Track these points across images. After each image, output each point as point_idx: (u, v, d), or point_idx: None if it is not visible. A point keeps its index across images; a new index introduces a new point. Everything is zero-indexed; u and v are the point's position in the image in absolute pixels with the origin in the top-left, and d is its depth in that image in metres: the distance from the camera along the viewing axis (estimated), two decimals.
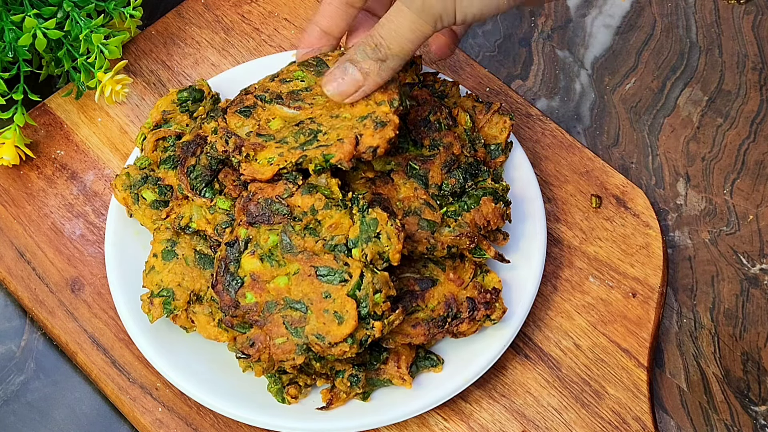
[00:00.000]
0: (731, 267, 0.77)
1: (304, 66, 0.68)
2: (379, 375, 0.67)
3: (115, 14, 0.80)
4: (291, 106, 0.66)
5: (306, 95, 0.67)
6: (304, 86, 0.67)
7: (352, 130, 0.63)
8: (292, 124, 0.65)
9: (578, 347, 0.72)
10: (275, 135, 0.65)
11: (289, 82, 0.68)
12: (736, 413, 0.71)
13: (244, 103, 0.67)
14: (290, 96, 0.67)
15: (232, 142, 0.65)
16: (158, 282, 0.68)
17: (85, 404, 0.72)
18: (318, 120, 0.65)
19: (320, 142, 0.63)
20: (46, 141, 0.80)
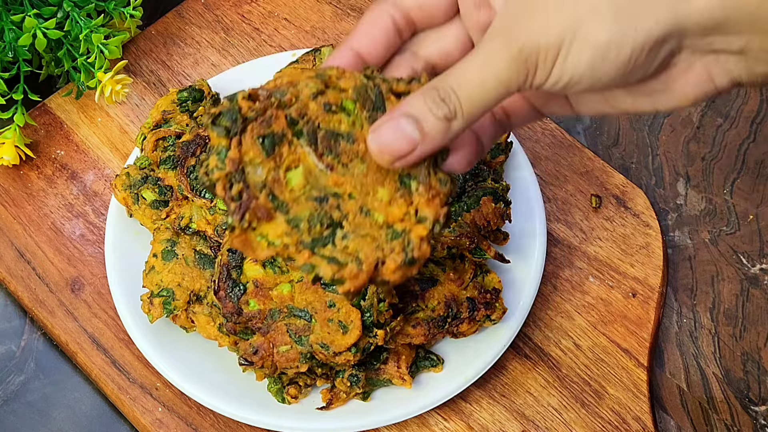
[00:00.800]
0: (731, 267, 0.77)
1: (359, 94, 0.50)
2: (379, 375, 0.67)
3: (115, 14, 0.80)
4: (323, 158, 0.49)
5: (346, 147, 0.49)
6: (347, 128, 0.50)
7: (377, 248, 0.49)
8: (315, 189, 0.49)
9: (578, 347, 0.72)
10: (290, 203, 0.49)
11: (333, 112, 0.50)
12: (736, 413, 0.71)
13: (271, 124, 0.49)
14: (328, 138, 0.49)
15: (236, 189, 0.47)
16: (158, 282, 0.68)
17: (85, 404, 0.72)
18: (345, 204, 0.49)
19: (336, 248, 0.49)
20: (46, 141, 0.80)
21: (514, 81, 0.47)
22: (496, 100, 0.47)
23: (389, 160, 0.48)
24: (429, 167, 0.49)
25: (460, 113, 0.47)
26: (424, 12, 0.51)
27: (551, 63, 0.46)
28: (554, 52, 0.46)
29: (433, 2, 0.51)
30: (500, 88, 0.47)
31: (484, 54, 0.47)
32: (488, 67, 0.47)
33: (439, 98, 0.47)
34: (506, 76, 0.47)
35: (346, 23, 0.85)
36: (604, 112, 0.52)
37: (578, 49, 0.46)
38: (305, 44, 0.85)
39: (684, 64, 0.47)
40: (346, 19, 0.86)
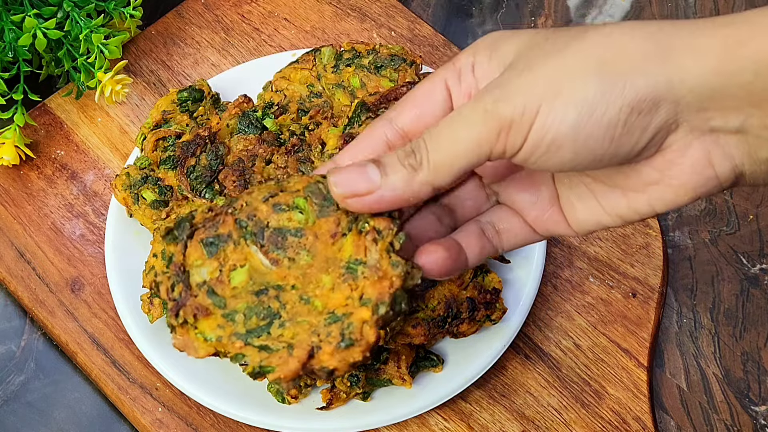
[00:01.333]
0: (731, 267, 0.77)
1: (310, 190, 0.50)
2: (379, 375, 0.67)
3: (115, 14, 0.80)
4: (269, 254, 0.50)
5: (293, 242, 0.49)
6: (297, 224, 0.50)
7: (312, 333, 0.47)
8: (257, 284, 0.49)
9: (578, 347, 0.72)
10: (228, 300, 0.49)
11: (284, 211, 0.50)
12: (736, 413, 0.71)
13: (218, 227, 0.50)
14: (275, 235, 0.50)
15: (177, 291, 0.50)
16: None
17: (85, 404, 0.72)
18: (285, 294, 0.49)
19: (270, 336, 0.48)
20: (46, 141, 0.80)
21: (485, 137, 0.43)
22: (466, 159, 0.44)
23: (342, 193, 0.47)
24: (383, 251, 0.48)
25: (426, 165, 0.45)
26: (420, 125, 0.49)
27: (528, 122, 0.43)
28: (533, 111, 0.42)
29: (428, 117, 0.49)
30: (471, 144, 0.44)
31: (460, 110, 0.45)
32: (460, 121, 0.44)
33: (410, 149, 0.46)
34: (477, 133, 0.43)
35: (347, 23, 0.85)
36: (602, 224, 0.48)
37: (562, 106, 0.42)
38: (305, 44, 0.85)
39: (680, 144, 0.43)
40: (347, 19, 0.86)
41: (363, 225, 0.48)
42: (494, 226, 0.51)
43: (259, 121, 0.71)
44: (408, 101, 0.50)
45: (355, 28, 0.85)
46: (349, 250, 0.48)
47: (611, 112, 0.42)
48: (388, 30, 0.85)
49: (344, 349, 0.46)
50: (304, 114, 0.73)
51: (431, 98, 0.49)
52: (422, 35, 0.85)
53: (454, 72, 0.49)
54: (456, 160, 0.44)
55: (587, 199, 0.48)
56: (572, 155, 0.43)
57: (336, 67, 0.75)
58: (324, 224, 0.49)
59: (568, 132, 0.42)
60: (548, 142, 0.43)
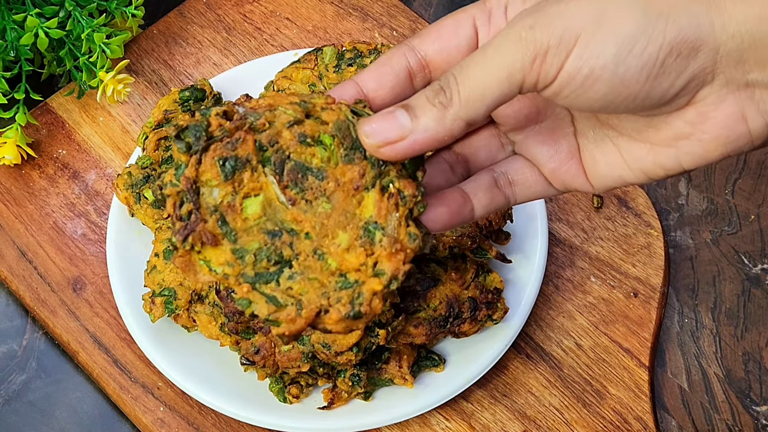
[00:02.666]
0: (733, 267, 0.77)
1: (339, 129, 0.47)
2: (381, 375, 0.67)
3: (116, 13, 0.80)
4: (287, 190, 0.46)
5: (313, 183, 0.46)
6: (320, 163, 0.47)
7: (323, 295, 0.46)
8: (270, 222, 0.46)
9: (580, 347, 0.72)
10: (239, 234, 0.46)
11: (308, 144, 0.46)
12: (737, 413, 0.71)
13: (236, 147, 0.46)
14: (296, 171, 0.47)
15: (186, 209, 0.45)
16: (160, 281, 0.68)
17: (86, 403, 0.72)
18: (299, 243, 0.46)
19: (279, 287, 0.46)
20: (48, 140, 0.80)
21: (519, 67, 0.41)
22: (499, 89, 0.42)
23: (375, 144, 0.44)
24: (402, 218, 0.46)
25: (456, 99, 0.43)
26: (445, 59, 0.48)
27: (566, 50, 0.41)
28: (572, 38, 0.41)
29: (453, 51, 0.48)
30: (503, 72, 0.41)
31: (492, 42, 0.42)
32: (493, 51, 0.42)
33: (438, 86, 0.43)
34: (511, 59, 0.41)
35: (348, 23, 0.85)
36: (623, 179, 0.47)
37: (602, 37, 0.40)
38: (307, 44, 0.85)
39: (714, 97, 0.42)
40: (348, 19, 0.86)
41: (388, 183, 0.46)
42: (508, 177, 0.50)
43: None
44: (432, 32, 0.48)
45: (356, 27, 0.85)
46: (369, 209, 0.46)
47: (651, 48, 0.40)
48: (390, 29, 0.85)
49: (351, 319, 0.46)
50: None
51: (456, 33, 0.48)
52: None
53: (484, 11, 0.47)
54: (488, 90, 0.42)
55: (611, 154, 0.47)
56: (607, 90, 0.41)
57: (338, 66, 0.75)
58: (348, 171, 0.47)
59: (607, 64, 0.41)
60: (585, 74, 0.41)
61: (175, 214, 0.45)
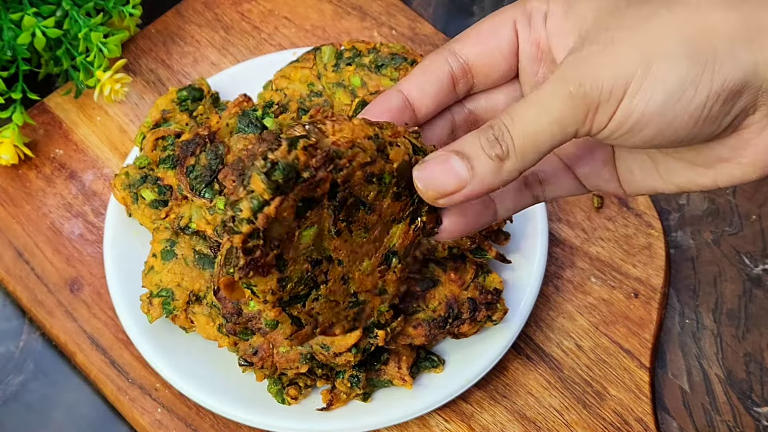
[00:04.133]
0: (734, 267, 0.76)
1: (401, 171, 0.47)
2: (380, 376, 0.67)
3: (114, 13, 0.80)
4: (337, 222, 0.47)
5: (361, 216, 0.48)
6: (372, 198, 0.48)
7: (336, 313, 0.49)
8: (316, 251, 0.48)
9: (580, 348, 0.72)
10: (290, 262, 0.47)
11: (371, 183, 0.47)
12: (738, 414, 0.71)
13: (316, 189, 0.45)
14: (353, 206, 0.47)
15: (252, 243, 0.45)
16: (157, 282, 0.68)
17: (84, 405, 0.71)
18: (333, 270, 0.48)
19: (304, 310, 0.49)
20: (45, 140, 0.80)
21: (571, 120, 0.42)
22: (551, 142, 0.43)
23: (433, 196, 0.45)
24: (415, 247, 0.48)
25: (512, 153, 0.43)
26: (486, 64, 0.48)
27: (616, 102, 0.42)
28: (621, 90, 0.42)
29: (495, 54, 0.48)
30: (555, 127, 0.42)
31: (542, 92, 0.43)
32: (544, 104, 0.43)
33: (492, 137, 0.44)
34: (562, 114, 0.42)
35: (347, 22, 0.85)
36: (655, 190, 0.48)
37: (650, 87, 0.41)
38: (305, 43, 0.84)
39: (756, 126, 0.43)
40: (347, 18, 0.85)
41: (417, 217, 0.48)
42: (539, 175, 0.50)
43: (259, 121, 0.71)
44: (472, 35, 0.48)
45: (355, 26, 0.85)
46: (395, 239, 0.48)
47: (699, 97, 0.41)
48: (389, 29, 0.85)
49: (348, 332, 0.50)
50: (304, 113, 0.72)
51: (497, 35, 0.48)
52: (423, 34, 0.85)
53: (524, 14, 0.47)
54: (542, 144, 0.43)
55: (647, 168, 0.48)
56: (654, 135, 0.43)
57: (336, 66, 0.74)
58: (393, 206, 0.48)
59: (655, 114, 0.42)
60: (633, 123, 0.42)
61: (242, 247, 0.45)
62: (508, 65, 0.49)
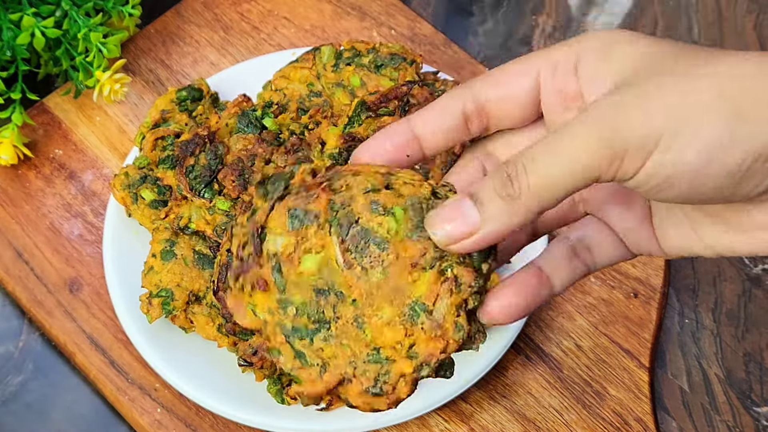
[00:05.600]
0: (733, 267, 0.76)
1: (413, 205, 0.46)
2: None
3: (113, 13, 0.80)
4: (347, 254, 0.46)
5: (373, 251, 0.46)
6: (386, 234, 0.46)
7: (350, 363, 0.46)
8: (322, 280, 0.46)
9: (579, 348, 0.72)
10: (288, 286, 0.46)
11: (379, 213, 0.46)
12: (738, 414, 0.71)
13: (310, 201, 0.46)
14: (360, 236, 0.46)
15: (247, 251, 0.46)
16: (157, 282, 0.68)
17: (83, 405, 0.71)
18: (343, 306, 0.46)
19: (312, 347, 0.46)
20: (45, 140, 0.80)
21: (596, 166, 0.40)
22: (572, 183, 0.41)
23: (445, 241, 0.43)
24: (452, 306, 0.45)
25: (525, 191, 0.41)
26: (502, 108, 0.47)
27: (646, 153, 0.40)
28: (652, 142, 0.39)
29: (514, 99, 0.47)
30: (577, 168, 0.40)
31: (566, 133, 0.41)
32: (567, 146, 0.40)
33: (506, 176, 0.42)
34: (588, 159, 0.40)
35: (346, 22, 0.85)
36: (693, 252, 0.46)
37: (684, 144, 0.39)
38: (305, 43, 0.84)
39: None
40: (347, 18, 0.85)
41: (447, 268, 0.45)
42: (584, 243, 0.48)
43: (259, 121, 0.71)
44: (492, 79, 0.47)
45: (355, 26, 0.85)
46: (422, 289, 0.46)
47: (735, 158, 0.40)
48: (388, 29, 0.85)
49: (371, 395, 0.45)
50: (303, 113, 0.72)
51: (518, 83, 0.46)
52: (422, 34, 0.85)
53: (549, 63, 0.46)
54: (560, 183, 0.41)
55: (682, 227, 0.46)
56: (686, 192, 0.41)
57: (336, 66, 0.74)
58: (411, 247, 0.46)
59: (686, 172, 0.40)
60: (663, 178, 0.40)
61: (237, 253, 0.46)
62: (524, 113, 0.47)
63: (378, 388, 0.45)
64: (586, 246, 0.48)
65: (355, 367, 0.45)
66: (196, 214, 0.68)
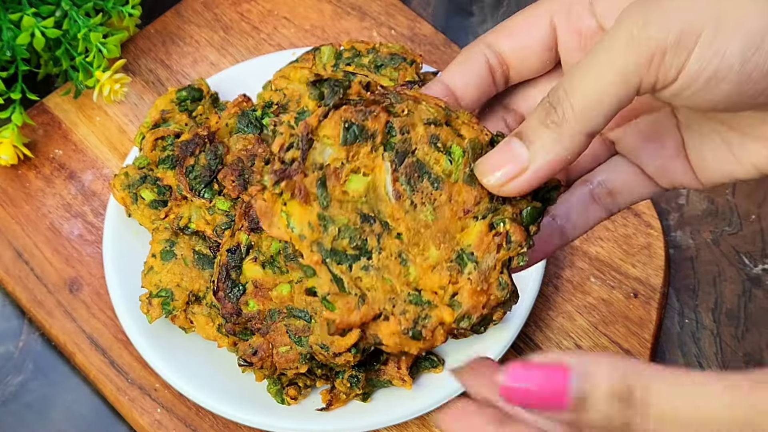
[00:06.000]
0: (733, 267, 0.76)
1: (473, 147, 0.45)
2: (380, 376, 0.67)
3: (113, 13, 0.80)
4: (397, 184, 0.44)
5: (426, 188, 0.44)
6: (440, 173, 0.45)
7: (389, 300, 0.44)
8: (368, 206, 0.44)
9: (579, 348, 0.72)
10: (332, 203, 0.44)
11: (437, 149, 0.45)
12: None
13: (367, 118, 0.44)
14: (414, 168, 0.44)
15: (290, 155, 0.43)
16: (157, 282, 0.68)
17: (83, 405, 0.71)
18: (388, 239, 0.44)
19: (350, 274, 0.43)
20: (45, 140, 0.80)
21: (634, 69, 0.38)
22: (615, 95, 0.38)
23: (496, 184, 0.42)
24: (499, 261, 0.44)
25: (570, 114, 0.39)
26: (520, 58, 0.46)
27: (686, 50, 0.37)
28: (693, 36, 0.37)
29: (530, 47, 0.46)
30: (617, 77, 0.38)
31: (601, 48, 0.39)
32: (604, 54, 0.38)
33: (548, 103, 0.40)
34: (624, 61, 0.38)
35: (346, 22, 0.85)
36: (733, 176, 0.44)
37: (727, 35, 0.37)
38: (305, 43, 0.84)
39: None
40: (346, 18, 0.85)
41: (499, 221, 0.44)
42: (607, 186, 0.47)
43: (259, 121, 0.71)
44: (504, 30, 0.46)
45: (355, 26, 0.85)
46: (471, 238, 0.44)
47: None
48: (388, 29, 0.85)
49: (407, 337, 0.43)
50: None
51: (531, 31, 0.45)
52: (422, 34, 0.84)
53: (562, 6, 0.45)
54: (604, 98, 0.39)
55: (720, 149, 0.44)
56: (731, 89, 0.38)
57: (336, 66, 0.74)
58: (464, 192, 0.44)
59: (734, 62, 0.37)
60: (709, 75, 0.38)
61: (278, 154, 0.43)
62: (542, 60, 0.46)
63: (416, 331, 0.43)
64: (608, 189, 0.47)
65: (394, 305, 0.43)
66: (196, 214, 0.68)
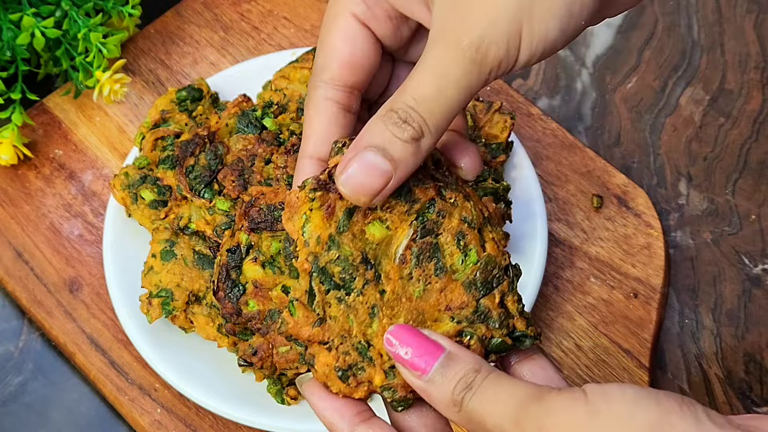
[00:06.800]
0: (733, 267, 0.76)
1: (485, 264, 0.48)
2: None
3: (113, 13, 0.80)
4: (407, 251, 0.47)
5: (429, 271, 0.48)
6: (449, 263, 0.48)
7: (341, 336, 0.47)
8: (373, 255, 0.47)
9: (579, 348, 0.72)
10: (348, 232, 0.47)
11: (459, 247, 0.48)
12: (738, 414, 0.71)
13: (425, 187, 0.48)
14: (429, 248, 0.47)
15: None
16: (157, 282, 0.68)
17: (83, 405, 0.71)
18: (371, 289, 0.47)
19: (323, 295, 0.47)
20: (45, 140, 0.80)
21: (475, 82, 0.43)
22: (460, 105, 0.43)
23: (366, 200, 0.45)
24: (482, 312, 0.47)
25: (426, 130, 0.43)
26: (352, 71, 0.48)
27: (515, 49, 0.42)
28: (516, 38, 0.42)
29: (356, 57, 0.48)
30: (462, 92, 0.43)
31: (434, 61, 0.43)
32: (443, 75, 0.43)
33: (399, 120, 0.43)
34: (466, 80, 0.43)
35: None
36: None
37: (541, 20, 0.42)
38: (305, 43, 0.84)
39: None
40: None
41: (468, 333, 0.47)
42: None
43: (259, 121, 0.71)
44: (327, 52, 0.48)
45: None
46: (438, 332, 0.46)
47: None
48: None
49: (336, 375, 0.47)
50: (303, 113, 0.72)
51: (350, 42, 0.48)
52: None
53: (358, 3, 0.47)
54: (451, 112, 0.44)
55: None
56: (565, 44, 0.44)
57: None
58: (457, 292, 0.47)
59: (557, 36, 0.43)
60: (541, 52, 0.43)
61: (330, 169, 0.46)
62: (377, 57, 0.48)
63: (346, 374, 0.46)
64: None
65: (341, 343, 0.46)
66: (196, 214, 0.68)
